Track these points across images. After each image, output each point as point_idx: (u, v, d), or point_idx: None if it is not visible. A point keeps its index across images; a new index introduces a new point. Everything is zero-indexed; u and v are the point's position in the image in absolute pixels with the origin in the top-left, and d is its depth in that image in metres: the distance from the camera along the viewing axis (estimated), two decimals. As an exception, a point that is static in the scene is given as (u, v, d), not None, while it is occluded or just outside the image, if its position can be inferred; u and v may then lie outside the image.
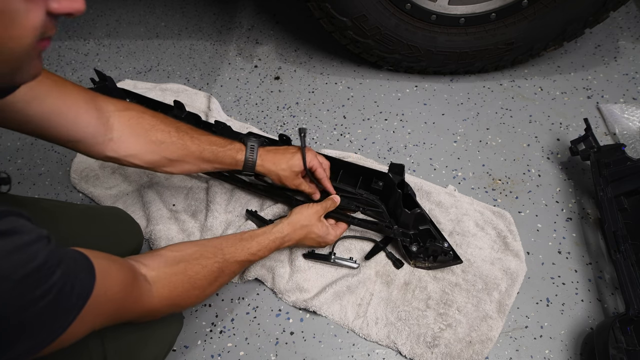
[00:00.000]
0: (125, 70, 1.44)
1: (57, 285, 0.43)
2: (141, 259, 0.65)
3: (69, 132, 0.69)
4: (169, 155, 0.80)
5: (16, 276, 0.39)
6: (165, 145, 0.79)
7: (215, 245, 0.77)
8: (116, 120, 0.74)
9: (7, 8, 0.35)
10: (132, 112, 0.77)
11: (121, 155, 0.76)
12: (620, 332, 0.79)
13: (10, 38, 0.37)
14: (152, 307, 0.62)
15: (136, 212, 1.06)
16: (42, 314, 0.42)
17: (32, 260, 0.40)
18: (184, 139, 0.81)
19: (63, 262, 0.44)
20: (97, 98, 0.73)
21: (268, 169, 0.89)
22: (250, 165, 0.88)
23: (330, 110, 1.30)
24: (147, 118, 0.79)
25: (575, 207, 1.07)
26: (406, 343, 0.87)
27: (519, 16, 1.19)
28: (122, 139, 0.75)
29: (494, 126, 1.24)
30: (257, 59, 1.46)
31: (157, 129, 0.79)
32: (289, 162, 0.89)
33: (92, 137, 0.72)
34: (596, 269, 0.97)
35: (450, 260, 0.92)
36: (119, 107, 0.76)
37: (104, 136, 0.73)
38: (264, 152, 0.89)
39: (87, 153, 0.75)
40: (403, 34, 1.22)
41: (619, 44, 1.43)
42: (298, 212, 0.90)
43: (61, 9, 0.39)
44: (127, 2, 1.69)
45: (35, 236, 0.42)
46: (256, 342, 0.90)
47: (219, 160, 0.86)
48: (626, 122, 1.19)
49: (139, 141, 0.77)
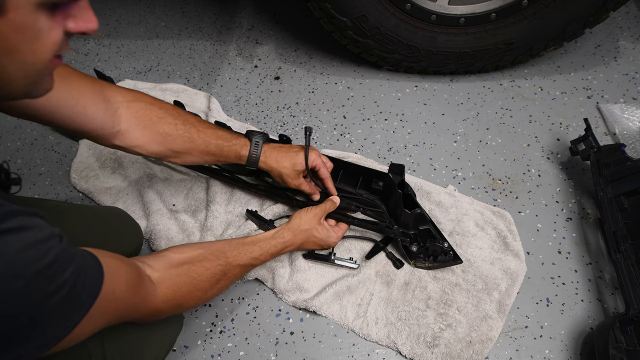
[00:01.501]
0: (125, 70, 1.44)
1: (68, 282, 0.43)
2: (146, 260, 0.66)
3: (77, 123, 0.70)
4: (175, 147, 0.81)
5: (28, 273, 0.39)
6: (171, 137, 0.80)
7: (219, 248, 0.77)
8: (124, 111, 0.75)
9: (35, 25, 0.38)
10: (140, 104, 0.78)
11: (128, 145, 0.77)
12: (620, 332, 0.79)
13: (34, 52, 0.40)
14: (156, 307, 0.63)
15: (136, 212, 1.06)
16: (53, 310, 0.42)
17: (44, 257, 0.41)
18: (191, 132, 0.82)
19: (74, 260, 0.45)
20: (105, 88, 0.74)
21: (270, 165, 0.90)
22: (253, 161, 0.88)
23: (330, 110, 1.30)
24: (155, 110, 0.79)
25: (575, 207, 1.07)
26: (406, 343, 0.87)
27: (519, 16, 1.19)
28: (129, 131, 0.76)
29: (494, 126, 1.24)
30: (257, 59, 1.46)
31: (165, 121, 0.80)
32: (292, 161, 0.89)
33: (100, 129, 0.73)
34: (596, 269, 0.97)
35: (450, 260, 0.92)
36: (127, 98, 0.76)
37: (112, 128, 0.74)
38: (268, 149, 0.90)
39: (95, 141, 0.77)
40: (403, 34, 1.22)
41: (619, 44, 1.43)
42: (298, 217, 0.90)
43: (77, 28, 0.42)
44: (127, 2, 1.69)
45: (48, 234, 0.42)
46: (256, 342, 0.90)
47: (223, 154, 0.87)
48: (626, 122, 1.19)
49: (145, 133, 0.78)
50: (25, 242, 0.40)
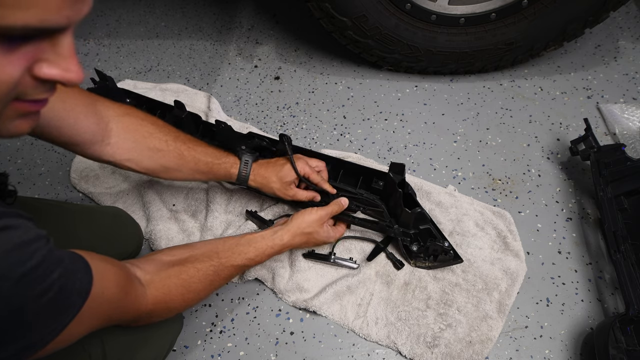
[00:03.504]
0: (125, 70, 1.44)
1: (56, 284, 0.43)
2: (136, 262, 0.65)
3: (68, 136, 0.69)
4: (165, 163, 0.81)
5: (15, 275, 0.39)
6: (162, 153, 0.80)
7: (211, 248, 0.76)
8: (115, 125, 0.75)
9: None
10: (131, 119, 0.77)
11: (117, 160, 0.77)
12: (620, 332, 0.79)
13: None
14: (147, 309, 0.62)
15: (136, 212, 1.06)
16: (41, 312, 0.42)
17: (31, 259, 0.40)
18: (181, 148, 0.82)
19: (62, 261, 0.44)
20: (97, 102, 0.73)
21: (260, 182, 0.90)
22: (243, 180, 0.89)
23: (330, 110, 1.30)
24: (146, 125, 0.79)
25: (575, 207, 1.07)
26: (406, 343, 0.87)
27: (519, 16, 1.19)
28: (119, 144, 0.75)
29: (494, 126, 1.24)
30: (257, 59, 1.46)
31: (155, 137, 0.79)
32: (279, 175, 0.90)
33: (90, 142, 0.72)
34: (596, 269, 0.97)
35: (450, 260, 0.92)
36: (118, 112, 0.76)
37: (102, 141, 0.73)
38: (257, 167, 0.90)
39: (84, 156, 0.75)
40: (403, 34, 1.22)
41: (619, 44, 1.43)
42: (300, 218, 0.87)
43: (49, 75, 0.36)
44: (127, 2, 1.69)
45: (34, 235, 0.41)
46: (256, 342, 0.90)
47: (213, 172, 0.87)
48: (626, 122, 1.19)
49: (136, 147, 0.77)
50: (11, 243, 0.39)
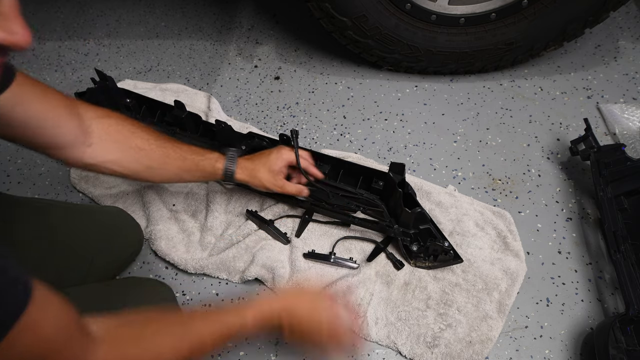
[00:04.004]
0: (125, 70, 1.44)
1: None
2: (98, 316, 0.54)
3: (50, 137, 0.67)
4: (149, 163, 0.79)
5: None
6: (145, 152, 0.78)
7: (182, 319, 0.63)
8: (96, 127, 0.73)
9: None
10: (112, 120, 0.76)
11: (99, 162, 0.74)
12: (620, 332, 0.79)
13: None
14: None
15: (136, 212, 1.06)
16: None
17: None
18: (165, 146, 0.81)
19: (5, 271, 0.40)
20: (77, 104, 0.72)
21: (248, 175, 0.89)
22: (229, 174, 0.88)
23: (330, 110, 1.30)
24: (127, 126, 0.78)
25: (575, 207, 1.07)
26: (406, 343, 0.87)
27: (519, 16, 1.19)
28: (101, 145, 0.74)
29: (494, 126, 1.24)
30: (257, 59, 1.46)
31: (137, 136, 0.78)
32: (266, 165, 0.89)
33: (71, 144, 0.70)
34: (596, 269, 0.97)
35: (450, 260, 0.92)
36: (99, 114, 0.75)
37: (83, 143, 0.72)
38: (243, 160, 0.90)
39: (64, 160, 0.72)
40: (403, 34, 1.22)
41: (619, 44, 1.43)
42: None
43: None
44: (127, 2, 1.69)
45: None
46: (256, 342, 0.89)
47: (199, 168, 0.86)
48: (626, 122, 1.19)
49: (118, 147, 0.76)
50: None
